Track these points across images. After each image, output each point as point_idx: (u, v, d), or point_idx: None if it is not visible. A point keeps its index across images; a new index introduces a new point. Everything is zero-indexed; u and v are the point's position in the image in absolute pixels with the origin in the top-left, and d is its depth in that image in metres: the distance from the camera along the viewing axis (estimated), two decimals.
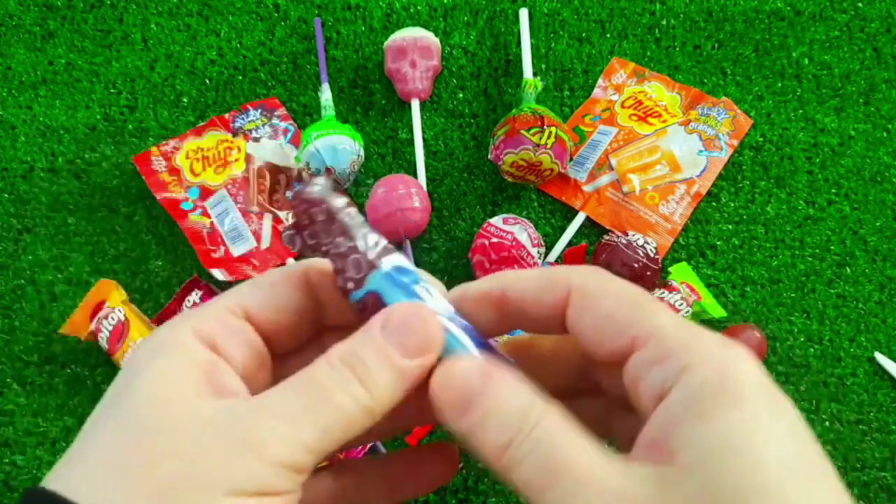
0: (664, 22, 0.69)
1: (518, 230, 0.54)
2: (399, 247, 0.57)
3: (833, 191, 0.61)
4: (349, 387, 0.20)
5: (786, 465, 0.17)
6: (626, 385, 0.20)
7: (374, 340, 0.20)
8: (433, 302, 0.22)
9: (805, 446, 0.18)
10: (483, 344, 0.22)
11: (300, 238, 0.22)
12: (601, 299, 0.20)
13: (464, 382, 0.20)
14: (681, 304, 0.53)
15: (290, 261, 0.58)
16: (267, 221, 0.60)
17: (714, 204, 0.61)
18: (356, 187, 0.62)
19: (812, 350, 0.55)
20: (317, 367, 0.20)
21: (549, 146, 0.56)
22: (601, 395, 0.24)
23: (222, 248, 0.58)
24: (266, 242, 0.59)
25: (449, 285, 0.24)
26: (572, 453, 0.18)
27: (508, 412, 0.19)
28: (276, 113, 0.65)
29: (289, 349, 0.24)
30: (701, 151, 0.61)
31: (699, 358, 0.18)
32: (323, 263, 0.23)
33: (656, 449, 0.18)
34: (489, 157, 0.59)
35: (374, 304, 0.21)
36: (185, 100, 0.66)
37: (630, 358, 0.20)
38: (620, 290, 0.20)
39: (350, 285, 0.21)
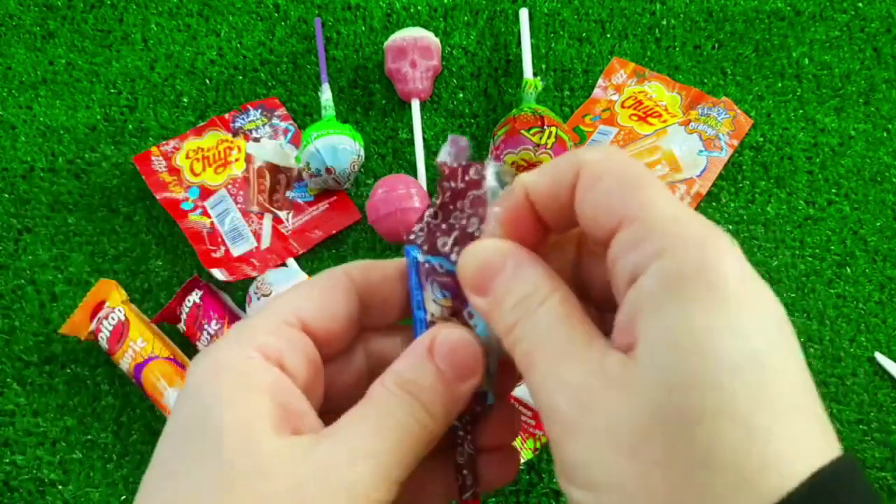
0: (664, 22, 0.69)
1: None
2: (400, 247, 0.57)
3: (833, 191, 0.61)
4: (415, 411, 0.20)
5: (744, 363, 0.15)
6: (607, 270, 0.19)
7: (429, 364, 0.21)
8: None
9: (775, 346, 0.16)
10: None
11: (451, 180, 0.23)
12: (604, 176, 0.19)
13: (485, 260, 0.20)
14: None
15: (291, 261, 0.58)
16: (267, 221, 0.60)
17: (714, 204, 0.61)
18: (356, 187, 0.62)
19: (812, 350, 0.55)
20: (382, 398, 0.20)
21: (549, 146, 0.56)
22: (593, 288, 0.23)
23: (222, 248, 0.58)
24: (266, 242, 0.59)
25: None
26: (560, 333, 0.19)
27: (521, 292, 0.20)
28: (276, 113, 0.65)
29: (337, 354, 0.24)
30: (701, 151, 0.61)
31: (678, 243, 0.17)
32: (363, 264, 0.23)
33: (624, 336, 0.17)
34: (489, 157, 0.59)
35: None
36: (185, 100, 0.66)
37: (613, 239, 0.18)
38: (625, 167, 0.19)
39: (454, 258, 0.22)
